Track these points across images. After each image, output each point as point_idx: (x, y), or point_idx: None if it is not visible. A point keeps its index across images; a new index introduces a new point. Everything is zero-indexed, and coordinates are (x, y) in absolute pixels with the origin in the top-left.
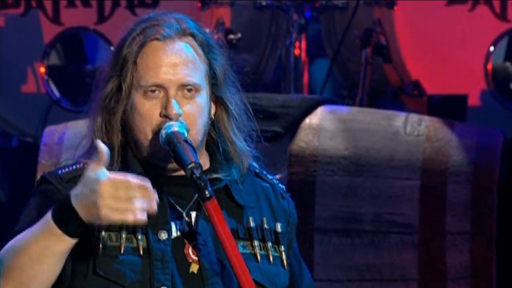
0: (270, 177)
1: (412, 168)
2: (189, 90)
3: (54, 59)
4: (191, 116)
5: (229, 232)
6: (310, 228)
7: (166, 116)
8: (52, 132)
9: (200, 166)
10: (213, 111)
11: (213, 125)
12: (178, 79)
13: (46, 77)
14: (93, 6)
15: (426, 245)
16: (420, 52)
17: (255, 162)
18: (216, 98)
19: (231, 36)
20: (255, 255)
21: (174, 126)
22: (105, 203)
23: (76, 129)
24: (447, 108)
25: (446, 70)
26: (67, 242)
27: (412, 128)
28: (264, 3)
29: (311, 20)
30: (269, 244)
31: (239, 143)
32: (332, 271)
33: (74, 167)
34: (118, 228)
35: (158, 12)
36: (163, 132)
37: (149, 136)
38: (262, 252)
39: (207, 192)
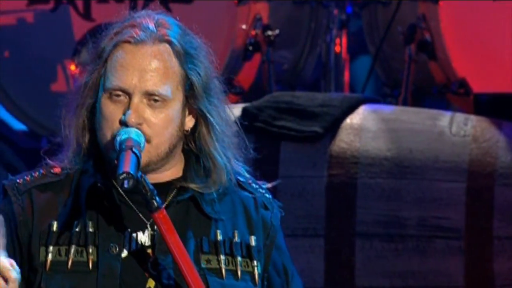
0: (255, 186)
1: (458, 170)
2: (156, 101)
3: (85, 56)
4: (155, 126)
5: (181, 244)
6: (351, 233)
7: (124, 123)
8: None
9: (133, 177)
10: (190, 124)
11: (194, 138)
12: (143, 86)
13: (76, 75)
14: (126, 1)
15: (473, 251)
16: (466, 49)
17: (244, 171)
18: (196, 111)
19: (269, 33)
20: (219, 270)
21: (130, 133)
22: None
23: None
24: (495, 107)
25: (493, 67)
26: None
27: (458, 128)
28: None
29: (353, 15)
30: (239, 258)
31: (219, 159)
32: (375, 278)
33: (31, 175)
34: (68, 241)
35: (145, 12)
36: (117, 138)
37: (110, 142)
38: (229, 267)
39: (154, 203)
